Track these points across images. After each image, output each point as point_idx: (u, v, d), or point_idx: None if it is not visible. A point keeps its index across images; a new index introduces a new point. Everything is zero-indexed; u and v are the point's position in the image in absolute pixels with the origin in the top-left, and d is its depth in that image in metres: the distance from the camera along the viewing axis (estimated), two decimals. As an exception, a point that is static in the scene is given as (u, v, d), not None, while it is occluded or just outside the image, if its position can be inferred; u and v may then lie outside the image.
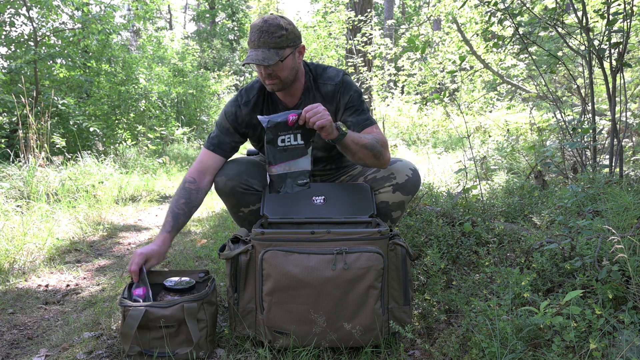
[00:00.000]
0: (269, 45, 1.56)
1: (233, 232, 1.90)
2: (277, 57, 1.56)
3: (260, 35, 1.55)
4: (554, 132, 4.32)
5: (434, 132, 8.14)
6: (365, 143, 1.58)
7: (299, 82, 1.73)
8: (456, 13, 6.19)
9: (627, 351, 1.14)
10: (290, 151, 1.48)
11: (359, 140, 1.57)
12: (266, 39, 1.55)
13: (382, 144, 1.64)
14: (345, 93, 1.72)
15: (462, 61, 3.46)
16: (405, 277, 1.46)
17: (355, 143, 1.56)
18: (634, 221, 1.57)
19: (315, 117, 1.43)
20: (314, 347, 1.41)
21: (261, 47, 1.56)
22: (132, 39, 12.75)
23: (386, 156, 1.67)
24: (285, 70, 1.62)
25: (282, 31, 1.57)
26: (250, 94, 1.77)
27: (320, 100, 1.73)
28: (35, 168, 3.81)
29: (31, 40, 5.56)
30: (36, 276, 2.34)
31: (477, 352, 1.29)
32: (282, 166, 1.49)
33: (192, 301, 1.42)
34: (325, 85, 1.74)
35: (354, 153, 1.58)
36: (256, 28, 1.57)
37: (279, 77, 1.62)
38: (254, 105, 1.77)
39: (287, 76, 1.64)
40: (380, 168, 1.73)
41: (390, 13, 14.18)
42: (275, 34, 1.56)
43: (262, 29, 1.56)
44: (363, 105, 1.74)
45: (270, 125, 1.44)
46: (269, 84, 1.64)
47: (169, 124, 8.54)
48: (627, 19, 2.34)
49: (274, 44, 1.56)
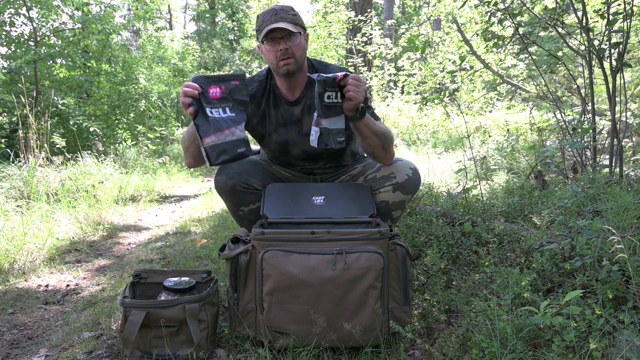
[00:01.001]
0: (286, 20, 1.62)
1: (233, 232, 1.90)
2: (297, 30, 1.62)
3: (276, 13, 1.62)
4: (554, 132, 4.32)
5: (434, 132, 8.14)
6: (378, 131, 1.62)
7: (303, 74, 1.75)
8: (456, 13, 6.19)
9: (627, 351, 1.14)
10: (333, 107, 1.53)
11: (373, 126, 1.61)
12: (283, 15, 1.62)
13: (390, 138, 1.69)
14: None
15: (462, 61, 3.46)
16: (405, 277, 1.46)
17: (368, 128, 1.60)
18: (634, 221, 1.57)
19: (355, 89, 1.47)
20: (314, 347, 1.41)
21: (280, 21, 1.60)
22: (132, 39, 12.75)
23: (392, 151, 1.71)
24: (300, 49, 1.66)
25: (296, 12, 1.66)
26: (252, 84, 1.80)
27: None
28: (35, 168, 3.81)
29: (31, 40, 5.56)
30: (36, 276, 2.34)
31: (477, 352, 1.29)
32: (329, 121, 1.53)
33: (193, 302, 1.42)
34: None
35: (365, 137, 1.62)
36: (270, 10, 1.64)
37: (294, 56, 1.65)
38: (252, 97, 1.78)
39: (301, 56, 1.68)
40: (385, 163, 1.74)
41: (390, 13, 14.18)
42: (290, 12, 1.65)
43: (277, 9, 1.63)
44: (369, 101, 1.77)
45: (320, 79, 1.49)
46: (284, 63, 1.65)
47: (169, 124, 8.54)
48: (627, 19, 2.34)
49: (292, 19, 1.63)
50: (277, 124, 1.81)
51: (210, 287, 1.52)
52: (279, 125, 1.81)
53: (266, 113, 1.81)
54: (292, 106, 1.78)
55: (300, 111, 1.78)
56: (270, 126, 1.82)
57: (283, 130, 1.80)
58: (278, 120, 1.80)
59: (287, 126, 1.80)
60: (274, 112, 1.80)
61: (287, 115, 1.79)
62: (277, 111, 1.80)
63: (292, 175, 1.95)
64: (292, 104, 1.78)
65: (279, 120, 1.80)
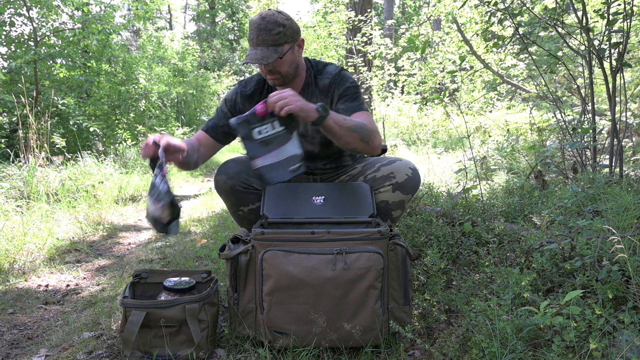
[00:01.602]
0: (267, 43, 1.58)
1: (233, 232, 1.90)
2: (276, 55, 1.58)
3: (259, 34, 1.58)
4: (554, 132, 4.32)
5: (434, 132, 8.14)
6: (351, 126, 1.52)
7: (300, 77, 1.76)
8: (456, 13, 6.19)
9: (627, 351, 1.14)
10: (272, 141, 1.44)
11: (343, 122, 1.50)
12: (264, 37, 1.58)
13: (371, 128, 1.59)
14: (341, 85, 1.73)
15: (462, 61, 3.46)
16: (405, 277, 1.46)
17: (339, 125, 1.49)
18: (634, 221, 1.57)
19: (281, 103, 1.39)
20: (314, 347, 1.41)
21: (260, 46, 1.58)
22: (132, 39, 12.75)
23: (376, 141, 1.62)
24: (285, 65, 1.64)
25: (280, 28, 1.59)
26: (248, 85, 1.82)
27: (318, 95, 1.76)
28: (35, 168, 3.81)
29: (31, 40, 5.55)
30: (36, 276, 2.34)
31: (477, 352, 1.29)
32: (269, 157, 1.46)
33: (193, 302, 1.42)
34: (323, 79, 1.76)
35: (339, 137, 1.52)
36: (254, 26, 1.60)
37: (280, 73, 1.65)
38: (249, 96, 1.80)
39: (288, 71, 1.66)
40: (371, 154, 1.71)
41: (390, 13, 14.18)
42: (273, 31, 1.58)
43: (260, 27, 1.58)
44: (357, 96, 1.73)
45: (239, 122, 1.42)
46: (271, 79, 1.68)
47: (169, 124, 8.53)
48: (627, 19, 2.34)
49: (272, 41, 1.58)
50: None
51: (210, 287, 1.52)
52: None
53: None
54: None
55: None
56: None
57: None
58: None
59: None
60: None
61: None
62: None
63: None
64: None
65: None
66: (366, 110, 1.71)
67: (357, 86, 1.76)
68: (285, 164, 1.47)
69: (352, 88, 1.73)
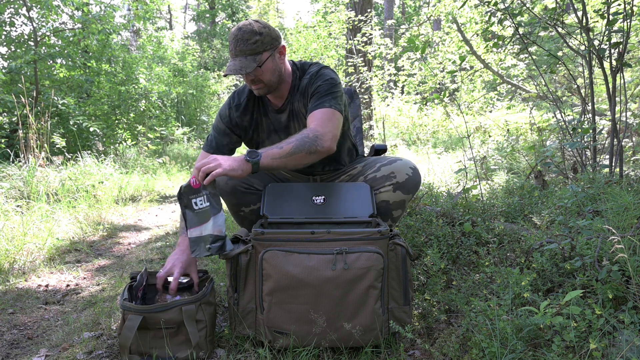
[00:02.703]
0: (245, 53, 1.59)
1: (233, 232, 1.90)
2: (255, 64, 1.59)
3: (237, 44, 1.59)
4: (554, 132, 4.32)
5: (434, 132, 8.14)
6: (289, 150, 1.49)
7: (286, 83, 1.76)
8: (456, 13, 6.19)
9: (627, 351, 1.14)
10: (201, 214, 1.44)
11: (279, 152, 1.48)
12: (242, 47, 1.59)
13: (312, 135, 1.53)
14: (315, 83, 1.69)
15: (462, 61, 3.46)
16: (405, 277, 1.46)
17: (278, 158, 1.47)
18: (634, 221, 1.57)
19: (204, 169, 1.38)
20: (314, 347, 1.41)
21: (239, 56, 1.60)
22: (132, 39, 12.75)
23: (325, 143, 1.54)
24: (267, 73, 1.65)
25: (257, 36, 1.59)
26: (241, 96, 1.82)
27: (299, 97, 1.76)
28: (35, 168, 3.81)
29: (31, 40, 5.56)
30: (36, 276, 2.34)
31: (477, 352, 1.29)
32: (196, 230, 1.44)
33: (190, 303, 1.42)
34: (304, 80, 1.75)
35: (285, 166, 1.51)
36: (232, 37, 1.61)
37: (262, 81, 1.65)
38: (244, 108, 1.81)
39: (270, 79, 1.67)
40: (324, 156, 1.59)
41: (390, 13, 14.18)
42: (250, 40, 1.59)
43: (237, 37, 1.59)
44: (327, 92, 1.65)
45: (181, 191, 1.43)
46: (255, 88, 1.68)
47: (169, 124, 8.54)
48: (627, 19, 2.34)
49: (250, 50, 1.59)
50: (269, 131, 1.85)
51: (206, 286, 1.51)
52: (270, 131, 1.85)
53: (258, 121, 1.85)
54: (279, 114, 1.81)
55: (287, 118, 1.81)
56: (263, 133, 1.86)
57: (275, 137, 1.83)
58: (269, 127, 1.84)
59: (278, 133, 1.84)
60: (264, 120, 1.84)
61: (276, 122, 1.83)
62: (267, 119, 1.84)
63: (292, 176, 1.96)
64: (279, 111, 1.81)
65: (270, 127, 1.84)
66: (326, 106, 1.61)
67: (331, 83, 1.67)
68: (207, 240, 1.44)
69: (323, 85, 1.67)
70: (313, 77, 1.72)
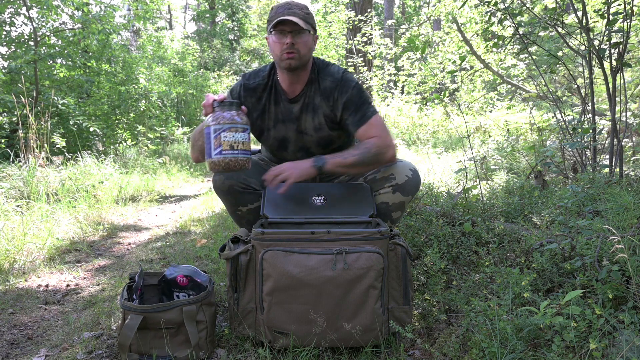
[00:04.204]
0: (298, 16, 1.62)
1: (233, 232, 1.90)
2: (306, 27, 1.63)
3: (290, 7, 1.63)
4: (554, 132, 4.32)
5: (434, 132, 8.14)
6: (352, 162, 1.63)
7: (306, 72, 1.74)
8: (456, 13, 6.19)
9: (627, 351, 1.14)
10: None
11: (342, 162, 1.63)
12: (296, 11, 1.62)
13: (375, 151, 1.65)
14: (344, 92, 1.71)
15: (462, 61, 3.46)
16: (405, 277, 1.46)
17: (341, 166, 1.64)
18: (634, 221, 1.57)
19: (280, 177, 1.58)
20: (314, 347, 1.41)
21: (292, 15, 1.61)
22: (132, 39, 12.75)
23: (387, 155, 1.68)
24: (306, 46, 1.66)
25: (309, 12, 1.67)
26: (255, 78, 1.80)
27: (319, 95, 1.75)
28: (35, 168, 3.81)
29: (31, 40, 5.56)
30: (36, 276, 2.34)
31: (477, 352, 1.29)
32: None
33: (190, 304, 1.42)
34: (325, 80, 1.74)
35: (345, 173, 1.66)
36: (284, 3, 1.65)
37: (299, 52, 1.64)
38: (253, 90, 1.78)
39: (305, 54, 1.67)
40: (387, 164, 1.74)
41: (390, 13, 14.18)
42: (304, 10, 1.65)
43: (291, 4, 1.63)
44: (361, 101, 1.71)
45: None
46: (288, 57, 1.64)
47: (169, 124, 8.54)
48: (627, 19, 2.34)
49: (303, 17, 1.63)
50: (276, 120, 1.80)
51: (207, 287, 1.51)
52: (277, 121, 1.80)
53: (266, 108, 1.80)
54: (292, 103, 1.78)
55: (299, 109, 1.77)
56: (270, 121, 1.81)
57: (282, 127, 1.80)
58: (277, 117, 1.80)
59: (286, 123, 1.80)
60: (274, 108, 1.80)
61: (286, 112, 1.79)
62: (277, 107, 1.79)
63: None
64: (292, 101, 1.77)
65: (277, 117, 1.80)
66: (370, 116, 1.69)
67: (360, 89, 1.73)
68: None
69: (355, 94, 1.71)
70: (338, 83, 1.72)
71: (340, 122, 1.75)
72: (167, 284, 1.62)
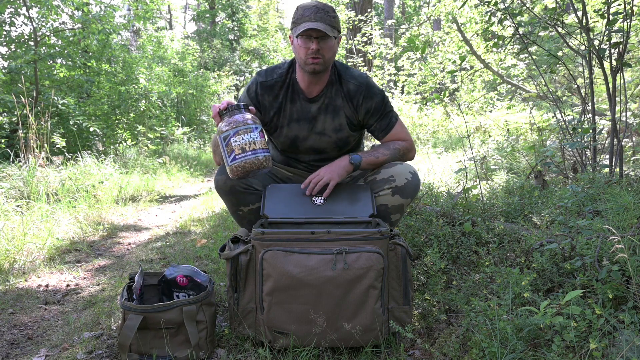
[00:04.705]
0: (325, 21, 1.61)
1: (233, 232, 1.90)
2: (333, 34, 1.63)
3: (317, 12, 1.61)
4: (554, 132, 4.32)
5: (434, 132, 8.14)
6: (383, 160, 1.77)
7: (327, 73, 1.76)
8: (456, 13, 6.19)
9: (627, 351, 1.14)
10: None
11: (375, 161, 1.76)
12: (323, 16, 1.61)
13: (403, 152, 1.81)
14: (369, 98, 1.77)
15: (462, 61, 3.46)
16: (406, 277, 1.46)
17: (373, 164, 1.77)
18: (634, 221, 1.57)
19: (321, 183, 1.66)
20: (314, 347, 1.41)
21: (319, 21, 1.60)
22: (132, 39, 12.75)
23: (409, 155, 1.86)
24: (331, 51, 1.67)
25: (335, 14, 1.67)
26: (272, 75, 1.80)
27: (342, 97, 1.78)
28: (35, 168, 3.81)
29: (31, 40, 5.55)
30: (36, 276, 2.34)
31: (477, 352, 1.29)
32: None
33: (190, 304, 1.42)
34: (349, 82, 1.77)
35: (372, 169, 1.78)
36: (311, 6, 1.63)
37: (324, 57, 1.65)
38: (270, 88, 1.79)
39: (329, 59, 1.68)
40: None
41: (390, 13, 14.17)
42: (331, 14, 1.63)
43: (319, 7, 1.62)
44: (387, 108, 1.82)
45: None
46: (313, 62, 1.65)
47: (169, 124, 8.54)
48: (627, 19, 2.34)
49: (330, 22, 1.63)
50: (291, 119, 1.81)
51: (207, 287, 1.51)
52: (292, 120, 1.81)
53: (282, 106, 1.81)
54: (310, 103, 1.79)
55: (318, 109, 1.79)
56: (284, 119, 1.82)
57: (295, 125, 1.81)
58: (292, 115, 1.81)
59: (300, 122, 1.81)
60: (290, 106, 1.80)
61: (303, 111, 1.80)
62: (293, 105, 1.80)
63: (294, 174, 1.95)
64: (311, 100, 1.79)
65: (292, 115, 1.81)
66: (395, 122, 1.82)
67: (383, 97, 1.80)
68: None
69: (378, 100, 1.78)
70: (364, 89, 1.77)
71: (363, 125, 1.84)
72: (167, 284, 1.62)
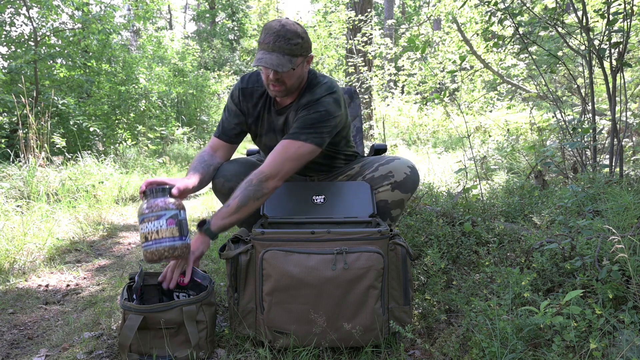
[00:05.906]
0: (283, 51, 1.52)
1: (233, 232, 1.90)
2: (290, 65, 1.53)
3: (277, 39, 1.51)
4: (554, 132, 4.32)
5: (434, 132, 8.14)
6: (236, 206, 1.52)
7: (297, 90, 1.71)
8: (456, 13, 6.19)
9: (627, 351, 1.14)
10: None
11: (227, 212, 1.52)
12: (282, 44, 1.51)
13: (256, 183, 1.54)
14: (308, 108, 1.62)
15: (462, 61, 3.46)
16: (406, 277, 1.46)
17: (229, 217, 1.53)
18: (634, 221, 1.57)
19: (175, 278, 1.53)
20: (314, 347, 1.41)
21: (275, 52, 1.52)
22: (132, 39, 12.75)
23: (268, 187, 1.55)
24: (293, 78, 1.59)
25: (299, 39, 1.54)
26: (252, 82, 1.77)
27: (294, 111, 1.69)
28: (35, 168, 3.81)
29: (31, 40, 5.55)
30: (36, 276, 2.34)
31: (477, 352, 1.29)
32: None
33: (190, 303, 1.42)
34: (305, 97, 1.67)
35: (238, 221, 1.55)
36: (273, 30, 1.52)
37: (285, 84, 1.59)
38: (250, 95, 1.76)
39: (293, 84, 1.61)
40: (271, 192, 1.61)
41: (390, 13, 14.18)
42: (292, 40, 1.52)
43: (280, 34, 1.51)
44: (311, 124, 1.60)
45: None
46: (273, 89, 1.61)
47: (169, 124, 8.53)
48: (627, 19, 2.34)
49: (289, 50, 1.52)
50: (268, 129, 1.80)
51: (208, 287, 1.51)
52: (269, 129, 1.80)
53: (260, 115, 1.79)
54: (278, 115, 1.75)
55: (283, 122, 1.74)
56: (262, 128, 1.81)
57: (272, 136, 1.79)
58: (270, 125, 1.79)
59: (275, 132, 1.78)
60: (267, 116, 1.79)
61: (274, 122, 1.77)
62: (269, 116, 1.78)
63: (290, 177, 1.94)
64: (278, 112, 1.75)
65: (270, 125, 1.79)
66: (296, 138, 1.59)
67: (322, 116, 1.61)
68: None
69: (312, 116, 1.60)
70: (312, 102, 1.63)
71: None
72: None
